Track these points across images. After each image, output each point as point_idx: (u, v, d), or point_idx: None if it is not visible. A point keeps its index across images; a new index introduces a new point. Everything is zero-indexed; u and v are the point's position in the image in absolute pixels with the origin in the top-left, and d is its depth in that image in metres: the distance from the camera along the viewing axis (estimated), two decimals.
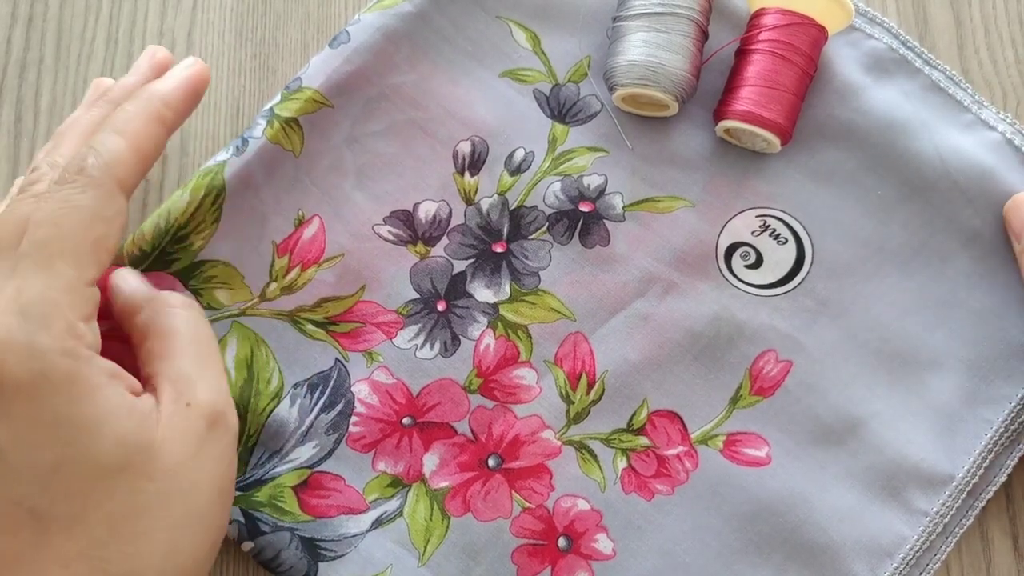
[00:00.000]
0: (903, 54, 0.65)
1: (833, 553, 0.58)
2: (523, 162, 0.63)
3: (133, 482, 0.47)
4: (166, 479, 0.48)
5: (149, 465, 0.48)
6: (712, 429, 0.60)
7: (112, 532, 0.47)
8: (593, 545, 0.58)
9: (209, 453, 0.50)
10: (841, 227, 0.62)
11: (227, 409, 0.52)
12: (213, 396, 0.51)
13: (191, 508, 0.49)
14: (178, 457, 0.49)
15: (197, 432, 0.50)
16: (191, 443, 0.49)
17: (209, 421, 0.51)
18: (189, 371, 0.51)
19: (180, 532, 0.49)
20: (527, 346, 0.61)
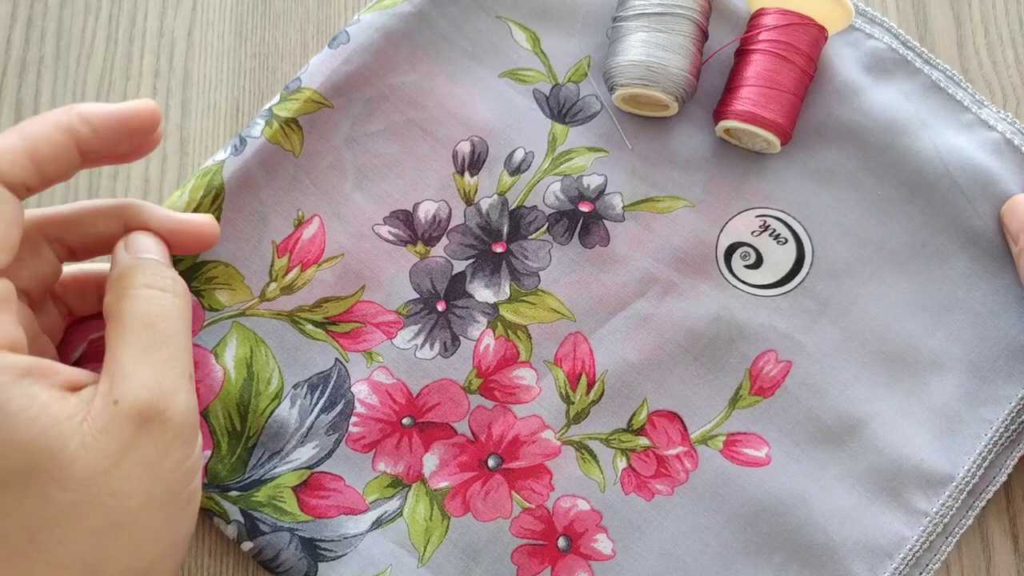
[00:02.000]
0: (903, 54, 0.65)
1: (833, 553, 0.58)
2: (523, 162, 0.63)
3: (43, 491, 0.45)
4: (83, 489, 0.45)
5: (60, 474, 0.45)
6: (712, 429, 0.60)
7: (30, 541, 0.45)
8: (593, 545, 0.58)
9: (137, 458, 0.47)
10: (841, 227, 0.63)
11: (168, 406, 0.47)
12: (148, 392, 0.47)
13: (116, 519, 0.46)
14: (96, 464, 0.45)
15: (123, 435, 0.46)
16: (113, 447, 0.46)
17: (139, 421, 0.46)
18: (126, 363, 0.47)
19: (106, 542, 0.46)
20: (527, 346, 0.61)
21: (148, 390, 0.47)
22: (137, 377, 0.47)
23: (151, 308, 0.49)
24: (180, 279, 0.51)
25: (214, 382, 0.59)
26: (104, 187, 0.65)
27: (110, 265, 0.51)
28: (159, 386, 0.47)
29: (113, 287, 0.50)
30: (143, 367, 0.47)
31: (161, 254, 0.53)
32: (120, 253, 0.52)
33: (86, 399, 0.47)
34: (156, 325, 0.49)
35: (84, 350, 0.59)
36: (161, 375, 0.48)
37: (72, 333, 0.59)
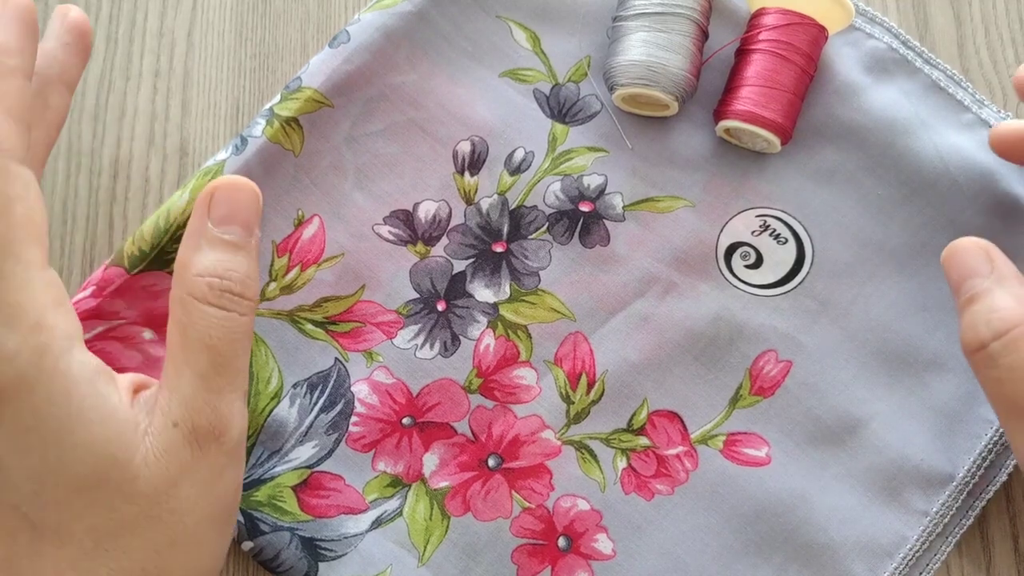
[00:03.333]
0: (903, 54, 0.65)
1: (833, 553, 0.58)
2: (523, 162, 0.63)
3: (111, 499, 0.46)
4: (146, 503, 0.46)
5: (127, 486, 0.46)
6: (712, 429, 0.60)
7: (97, 545, 0.46)
8: (593, 545, 0.58)
9: (195, 479, 0.48)
10: (841, 227, 0.62)
11: (224, 431, 0.48)
12: (205, 419, 0.47)
13: (176, 535, 0.47)
14: (158, 483, 0.46)
15: (180, 457, 0.47)
16: (173, 469, 0.47)
17: (195, 445, 0.47)
18: (185, 386, 0.48)
19: (166, 556, 0.47)
20: (527, 346, 0.61)
21: (205, 417, 0.47)
22: (195, 401, 0.47)
23: (215, 331, 0.48)
24: (252, 286, 0.50)
25: None
26: (104, 186, 0.65)
27: (185, 238, 0.50)
28: (216, 412, 0.48)
29: (180, 294, 0.49)
30: (202, 392, 0.48)
31: (244, 220, 0.51)
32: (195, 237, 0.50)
33: (146, 406, 0.48)
34: (218, 348, 0.48)
35: None
36: (219, 400, 0.48)
37: None
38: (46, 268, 0.46)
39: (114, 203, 0.65)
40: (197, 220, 0.50)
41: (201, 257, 0.49)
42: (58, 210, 0.65)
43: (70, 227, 0.65)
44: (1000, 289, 0.51)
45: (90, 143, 0.66)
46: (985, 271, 0.52)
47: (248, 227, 0.50)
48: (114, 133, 0.66)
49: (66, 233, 0.65)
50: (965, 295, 0.53)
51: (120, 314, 0.58)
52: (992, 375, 0.50)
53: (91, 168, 0.66)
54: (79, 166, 0.66)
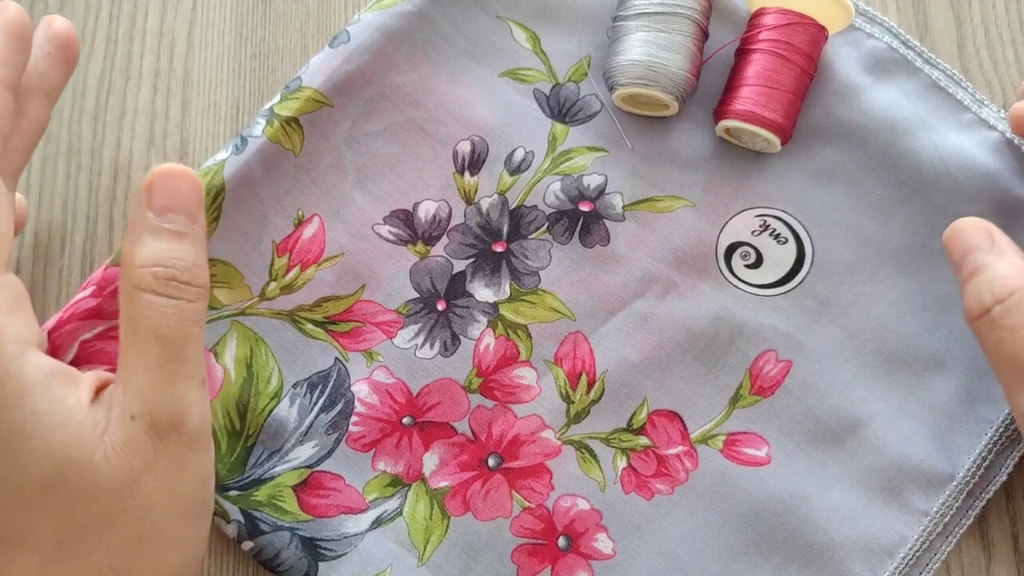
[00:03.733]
0: (903, 53, 0.64)
1: (833, 553, 0.58)
2: (523, 162, 0.63)
3: (71, 502, 0.45)
4: (108, 500, 0.46)
5: (87, 486, 0.45)
6: (712, 429, 0.60)
7: (61, 548, 0.46)
8: (593, 545, 0.58)
9: (157, 472, 0.47)
10: (841, 227, 0.62)
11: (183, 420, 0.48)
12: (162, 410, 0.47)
13: (141, 530, 0.47)
14: (119, 479, 0.46)
15: (140, 451, 0.47)
16: (134, 463, 0.46)
17: (155, 437, 0.47)
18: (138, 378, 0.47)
19: (133, 551, 0.47)
20: (527, 346, 0.61)
21: (162, 407, 0.47)
22: (150, 392, 0.47)
23: (164, 320, 0.48)
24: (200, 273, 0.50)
25: (214, 381, 0.59)
26: (104, 187, 0.65)
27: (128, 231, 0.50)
28: (172, 402, 0.47)
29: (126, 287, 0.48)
30: (156, 383, 0.47)
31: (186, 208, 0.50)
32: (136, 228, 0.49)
33: (106, 406, 0.47)
34: (168, 337, 0.48)
35: (76, 353, 0.59)
36: (174, 389, 0.48)
37: (62, 335, 0.59)
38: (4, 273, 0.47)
39: (114, 203, 0.65)
40: (136, 211, 0.49)
41: (143, 248, 0.48)
42: (58, 210, 0.65)
43: (70, 227, 0.65)
44: (1001, 260, 0.54)
45: (90, 143, 0.66)
46: (986, 246, 0.55)
47: (191, 214, 0.50)
48: (114, 133, 0.66)
49: (66, 233, 0.65)
50: (967, 269, 0.55)
51: None
52: (994, 336, 0.53)
53: (91, 168, 0.66)
54: (79, 166, 0.66)
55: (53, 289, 0.64)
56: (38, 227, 0.65)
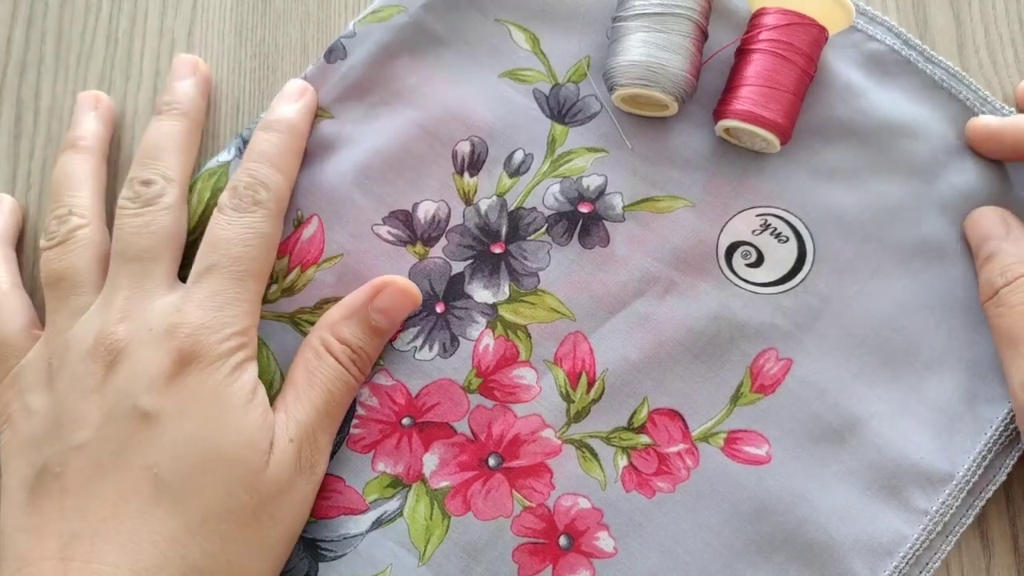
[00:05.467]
0: (905, 54, 0.64)
1: (833, 552, 0.58)
2: (522, 164, 0.63)
3: (236, 484, 0.53)
4: (259, 500, 0.53)
5: (253, 476, 0.53)
6: (713, 427, 0.60)
7: (203, 524, 0.52)
8: (594, 543, 0.58)
9: (293, 496, 0.55)
10: (842, 225, 0.62)
11: (319, 460, 0.57)
12: (311, 447, 0.56)
13: (264, 539, 0.54)
14: (272, 486, 0.54)
15: (290, 472, 0.55)
16: (284, 479, 0.54)
17: (301, 466, 0.55)
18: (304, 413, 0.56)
19: (251, 553, 0.53)
20: (526, 346, 0.61)
21: (311, 446, 0.56)
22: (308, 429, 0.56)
23: (339, 385, 0.58)
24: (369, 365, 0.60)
25: None
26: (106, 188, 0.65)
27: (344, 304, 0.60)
28: (319, 443, 0.57)
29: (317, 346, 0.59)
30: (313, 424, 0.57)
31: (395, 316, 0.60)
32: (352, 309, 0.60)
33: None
34: (335, 396, 0.58)
35: None
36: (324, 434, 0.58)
37: None
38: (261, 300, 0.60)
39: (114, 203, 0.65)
40: (362, 299, 0.59)
41: (347, 326, 0.59)
42: None
43: None
44: (1015, 247, 0.60)
45: None
46: (1002, 233, 0.61)
47: (394, 322, 0.60)
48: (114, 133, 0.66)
49: None
50: (983, 254, 0.61)
51: None
52: (996, 312, 0.59)
53: None
54: None
55: None
56: (38, 227, 0.65)
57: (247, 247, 0.57)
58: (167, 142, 0.62)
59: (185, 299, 0.56)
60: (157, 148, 0.61)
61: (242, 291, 0.57)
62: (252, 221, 0.58)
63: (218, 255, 0.57)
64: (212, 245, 0.57)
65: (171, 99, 0.64)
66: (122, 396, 0.53)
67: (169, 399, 0.53)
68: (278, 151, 0.61)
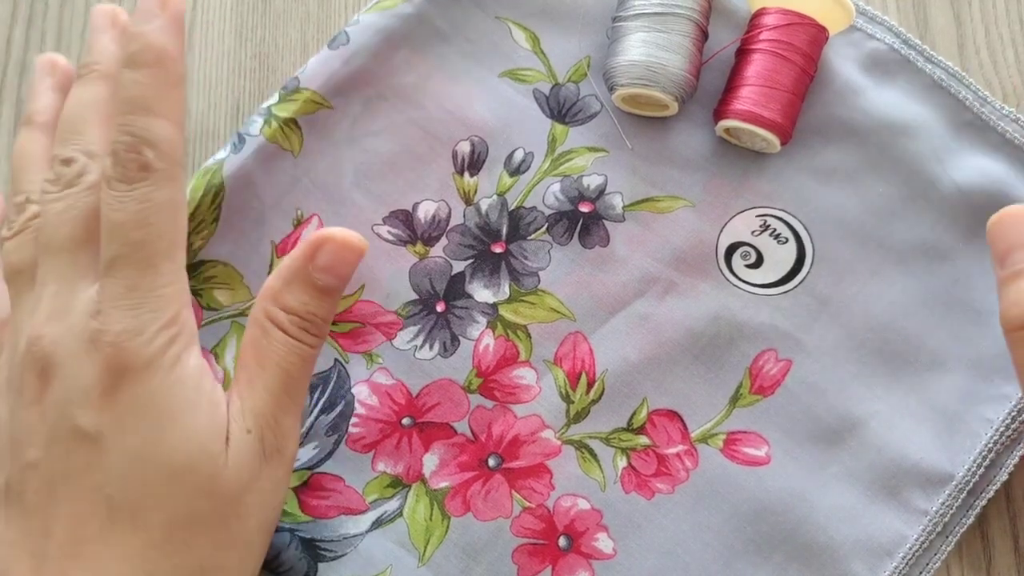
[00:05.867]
0: (905, 54, 0.64)
1: (833, 552, 0.58)
2: (522, 163, 0.63)
3: (193, 492, 0.49)
4: (220, 503, 0.50)
5: (210, 481, 0.49)
6: (712, 428, 0.60)
7: (166, 537, 0.48)
8: (594, 544, 0.58)
9: (260, 487, 0.51)
10: (842, 226, 0.62)
11: (286, 444, 0.53)
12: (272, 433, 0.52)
13: (235, 538, 0.51)
14: (234, 484, 0.50)
15: (251, 464, 0.51)
16: (245, 474, 0.50)
17: (264, 456, 0.51)
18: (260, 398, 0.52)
19: (222, 556, 0.50)
20: (527, 346, 0.61)
21: (272, 430, 0.52)
22: (266, 414, 0.52)
23: (293, 359, 0.53)
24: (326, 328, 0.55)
25: None
26: None
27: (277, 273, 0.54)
28: (281, 427, 0.52)
29: (261, 318, 0.53)
30: (271, 407, 0.52)
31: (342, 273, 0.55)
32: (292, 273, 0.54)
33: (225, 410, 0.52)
34: (290, 371, 0.53)
35: None
36: (286, 416, 0.53)
37: None
38: (184, 270, 0.52)
39: None
40: (300, 260, 0.53)
41: (291, 294, 0.53)
42: None
43: None
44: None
45: None
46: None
47: (343, 279, 0.54)
48: None
49: None
50: (1010, 268, 0.50)
51: None
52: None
53: None
54: None
55: None
56: None
57: (148, 227, 0.50)
58: (87, 112, 0.55)
59: (101, 297, 0.49)
60: (77, 120, 0.55)
61: (156, 277, 0.50)
62: (145, 192, 0.50)
63: (118, 244, 0.50)
64: (109, 232, 0.50)
65: (88, 60, 0.57)
66: (60, 413, 0.49)
67: (106, 415, 0.48)
68: (153, 92, 0.52)
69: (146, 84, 0.52)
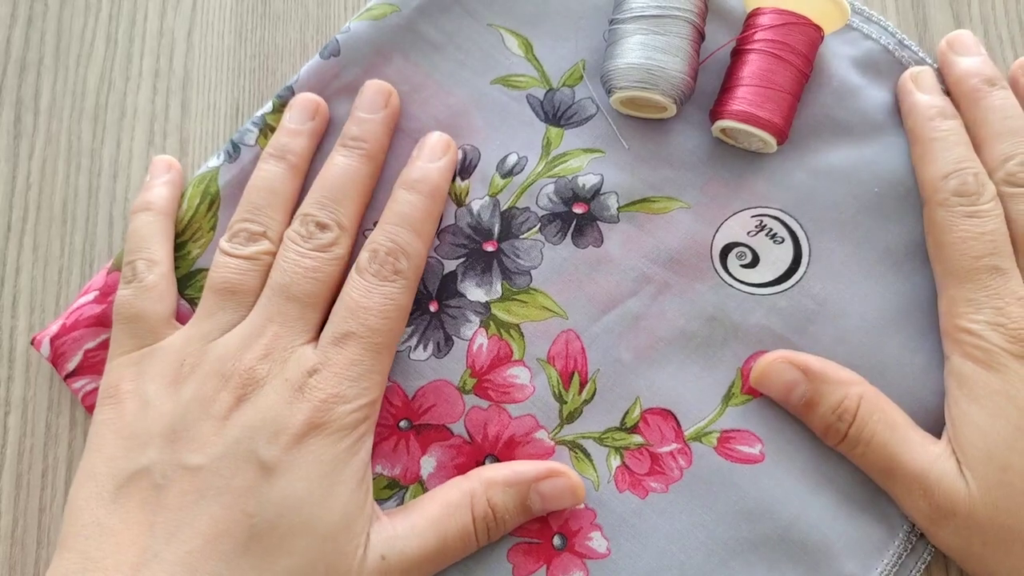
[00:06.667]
0: (899, 56, 0.64)
1: (827, 550, 0.58)
2: (515, 166, 0.63)
3: (321, 558, 0.52)
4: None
5: (339, 559, 0.53)
6: (706, 426, 0.60)
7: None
8: (588, 544, 0.58)
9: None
10: (838, 226, 0.62)
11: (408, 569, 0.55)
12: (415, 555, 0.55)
13: None
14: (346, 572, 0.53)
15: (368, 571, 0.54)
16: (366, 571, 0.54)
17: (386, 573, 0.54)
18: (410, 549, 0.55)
19: None
20: (519, 345, 0.61)
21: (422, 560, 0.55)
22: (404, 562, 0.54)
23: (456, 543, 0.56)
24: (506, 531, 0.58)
25: None
26: (104, 187, 0.66)
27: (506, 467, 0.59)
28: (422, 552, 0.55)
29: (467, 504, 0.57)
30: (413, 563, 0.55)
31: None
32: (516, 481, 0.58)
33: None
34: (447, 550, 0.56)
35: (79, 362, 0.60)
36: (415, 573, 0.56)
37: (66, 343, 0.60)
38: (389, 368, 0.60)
39: (114, 203, 0.65)
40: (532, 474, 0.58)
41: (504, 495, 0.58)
42: (58, 210, 0.65)
43: (70, 227, 0.65)
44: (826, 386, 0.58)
45: (90, 143, 0.66)
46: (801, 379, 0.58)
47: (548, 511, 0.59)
48: (114, 133, 0.67)
49: (66, 233, 0.65)
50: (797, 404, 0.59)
51: None
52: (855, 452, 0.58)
53: (91, 168, 0.66)
54: (79, 166, 0.66)
55: (52, 290, 0.64)
56: (38, 227, 0.65)
57: (386, 319, 0.57)
58: (350, 187, 0.60)
59: (323, 361, 0.55)
60: (339, 190, 0.60)
61: (376, 363, 0.56)
62: (392, 291, 0.57)
63: (357, 323, 0.56)
64: (351, 311, 0.56)
65: (360, 135, 0.62)
66: (245, 436, 0.53)
67: (288, 456, 0.53)
68: (421, 215, 0.60)
69: (419, 208, 0.60)
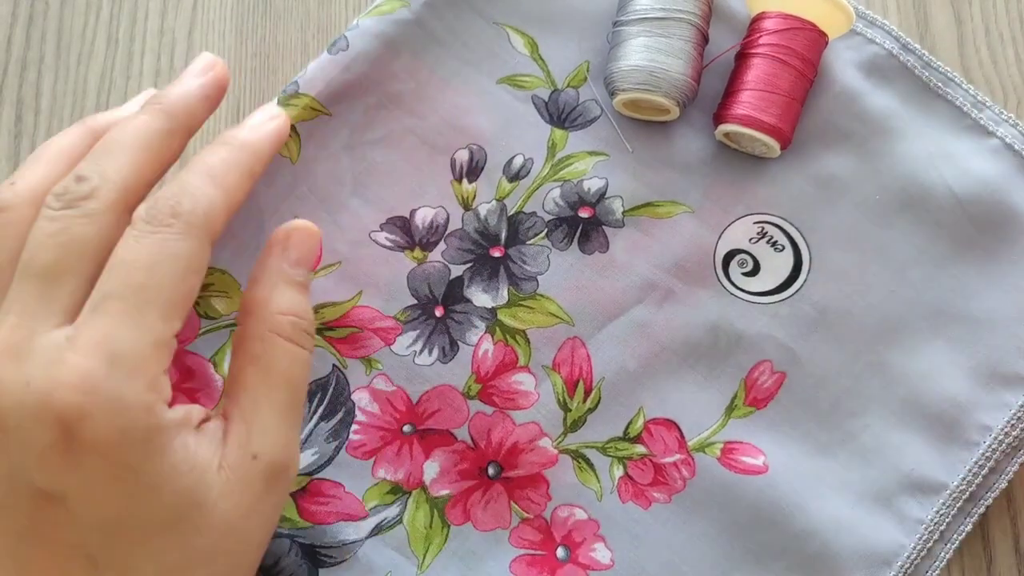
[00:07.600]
0: (904, 60, 0.64)
1: (832, 562, 0.58)
2: (522, 168, 0.63)
3: (184, 537, 0.45)
4: (218, 536, 0.46)
5: (201, 521, 0.46)
6: (709, 437, 0.60)
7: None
8: (591, 555, 0.58)
9: (261, 510, 0.48)
10: (839, 233, 0.62)
11: (292, 463, 0.50)
12: (281, 452, 0.48)
13: (237, 562, 0.48)
14: (230, 516, 0.46)
15: (254, 490, 0.47)
16: (246, 501, 0.47)
17: (270, 477, 0.48)
18: (267, 420, 0.48)
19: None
20: (525, 351, 0.61)
21: (282, 449, 0.49)
22: (274, 435, 0.49)
23: (296, 369, 0.50)
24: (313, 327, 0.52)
25: (214, 392, 0.59)
26: None
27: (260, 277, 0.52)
28: (289, 445, 0.49)
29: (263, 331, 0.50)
30: (281, 426, 0.49)
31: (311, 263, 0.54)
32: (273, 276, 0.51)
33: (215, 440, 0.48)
34: (296, 386, 0.50)
35: None
36: (292, 434, 0.50)
37: None
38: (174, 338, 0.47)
39: None
40: (274, 260, 0.51)
41: (280, 296, 0.50)
42: None
43: None
44: None
45: None
46: None
47: (312, 269, 0.53)
48: None
49: None
50: None
51: None
52: None
53: None
54: None
55: None
56: None
57: (151, 272, 0.45)
58: (131, 140, 0.49)
59: (72, 342, 0.43)
60: (114, 143, 0.49)
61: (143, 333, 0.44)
62: (164, 238, 0.46)
63: (116, 282, 0.45)
64: (110, 268, 0.45)
65: (163, 93, 0.52)
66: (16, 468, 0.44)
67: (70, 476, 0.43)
68: (224, 164, 0.50)
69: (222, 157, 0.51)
